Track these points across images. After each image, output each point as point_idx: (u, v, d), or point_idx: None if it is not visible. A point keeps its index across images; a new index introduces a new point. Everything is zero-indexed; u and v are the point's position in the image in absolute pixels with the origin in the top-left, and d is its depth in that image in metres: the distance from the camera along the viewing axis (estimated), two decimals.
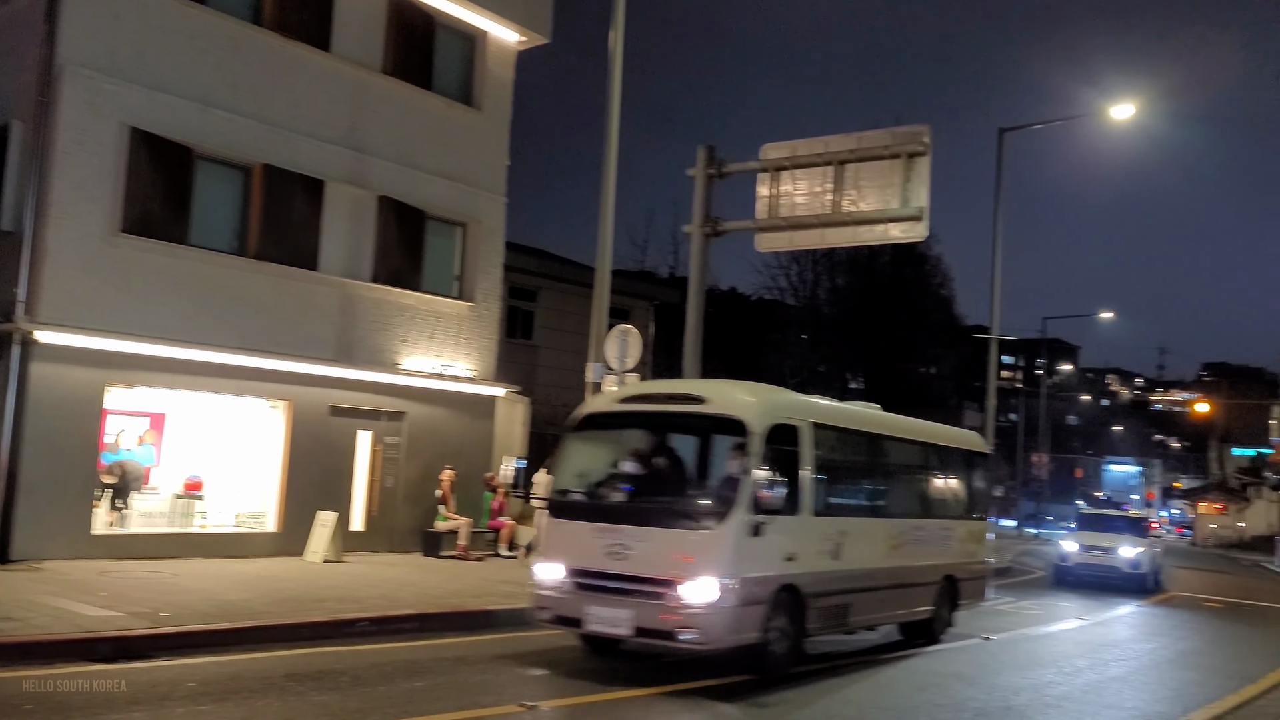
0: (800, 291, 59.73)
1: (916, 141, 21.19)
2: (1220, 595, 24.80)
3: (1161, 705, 10.29)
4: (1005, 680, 10.97)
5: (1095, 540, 23.49)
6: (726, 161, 23.44)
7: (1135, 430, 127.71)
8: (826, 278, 61.37)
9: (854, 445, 11.97)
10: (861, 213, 21.79)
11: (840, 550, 10.78)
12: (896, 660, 11.82)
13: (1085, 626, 16.49)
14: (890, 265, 62.72)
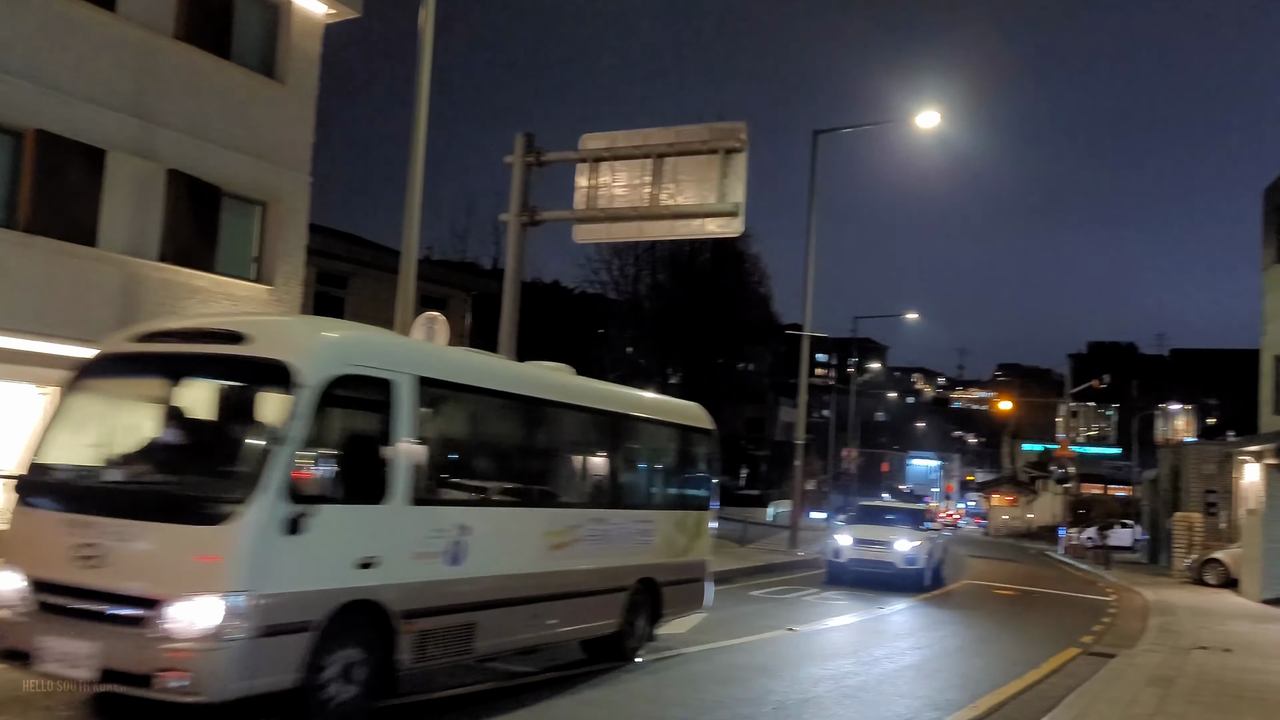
0: (622, 286, 59.99)
1: (734, 138, 21.41)
2: (1010, 583, 26.10)
3: (952, 692, 10.54)
4: (806, 672, 11.04)
5: (870, 534, 21.79)
6: (545, 150, 23.09)
7: (937, 426, 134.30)
8: (648, 273, 61.83)
9: (494, 411, 9.40)
10: (679, 206, 21.88)
11: (462, 551, 8.23)
12: (706, 654, 11.75)
13: (884, 616, 16.94)
14: (711, 263, 63.70)
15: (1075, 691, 10.66)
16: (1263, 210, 25.15)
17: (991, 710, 9.85)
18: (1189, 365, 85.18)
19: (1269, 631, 17.87)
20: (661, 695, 9.31)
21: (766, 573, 23.02)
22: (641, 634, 11.05)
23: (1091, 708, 9.83)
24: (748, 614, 15.65)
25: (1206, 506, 34.27)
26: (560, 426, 10.39)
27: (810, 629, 14.49)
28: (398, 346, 8.90)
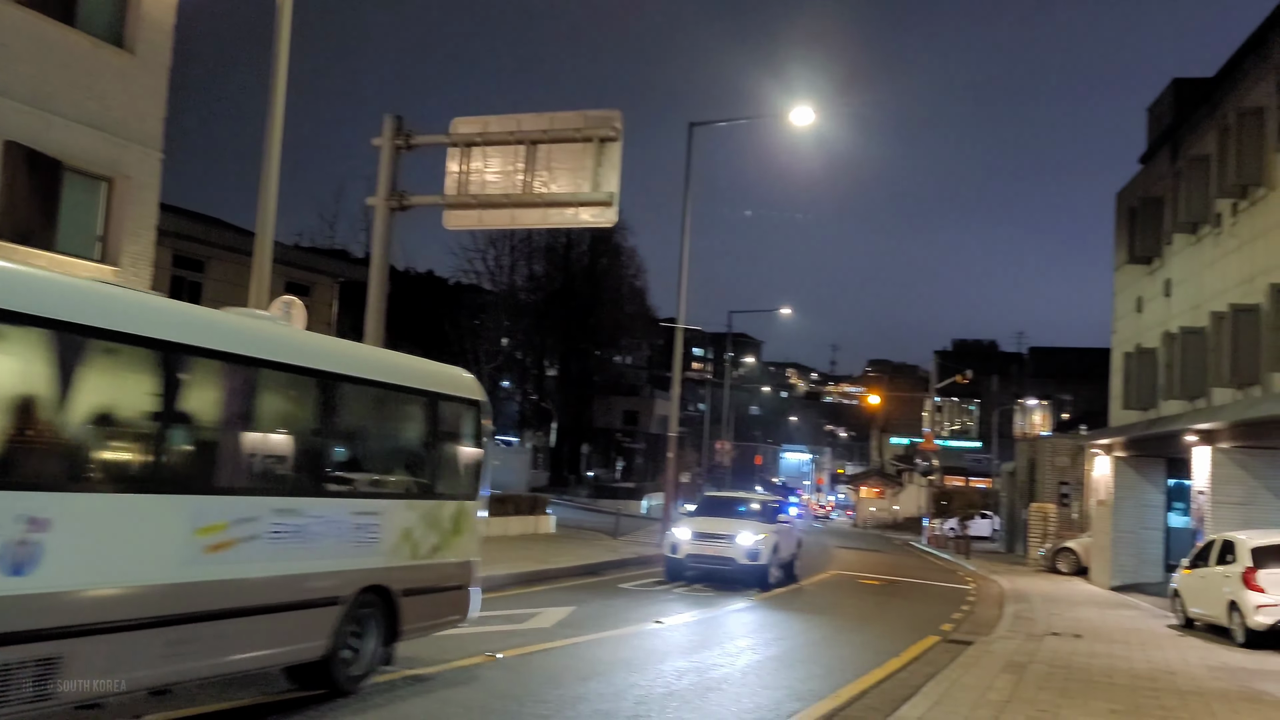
0: (497, 277, 59.29)
1: (608, 126, 21.19)
2: (875, 573, 26.63)
3: (815, 682, 10.55)
4: (671, 665, 10.91)
5: (710, 527, 19.96)
6: (416, 133, 22.47)
7: (810, 420, 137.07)
8: (524, 264, 61.30)
9: (115, 360, 6.81)
10: (552, 194, 21.55)
11: (30, 556, 5.89)
12: (570, 649, 11.51)
13: (752, 608, 17.00)
14: (588, 255, 63.49)
15: (934, 679, 10.80)
16: (1115, 213, 26.19)
17: (853, 699, 9.88)
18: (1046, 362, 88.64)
19: (1116, 617, 18.59)
20: (521, 692, 9.04)
21: (638, 565, 22.93)
22: (370, 658, 8.72)
23: (949, 695, 9.95)
24: (616, 608, 15.48)
25: (1060, 497, 35.68)
26: (232, 385, 7.70)
27: (678, 622, 14.40)
28: None
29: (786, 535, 21.55)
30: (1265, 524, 18.38)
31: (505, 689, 9.10)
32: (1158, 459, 24.68)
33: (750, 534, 19.54)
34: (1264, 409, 15.93)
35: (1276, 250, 16.60)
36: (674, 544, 19.97)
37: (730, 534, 19.57)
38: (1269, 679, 12.33)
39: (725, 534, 19.60)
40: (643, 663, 10.98)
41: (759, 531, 19.77)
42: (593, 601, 15.81)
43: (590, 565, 21.17)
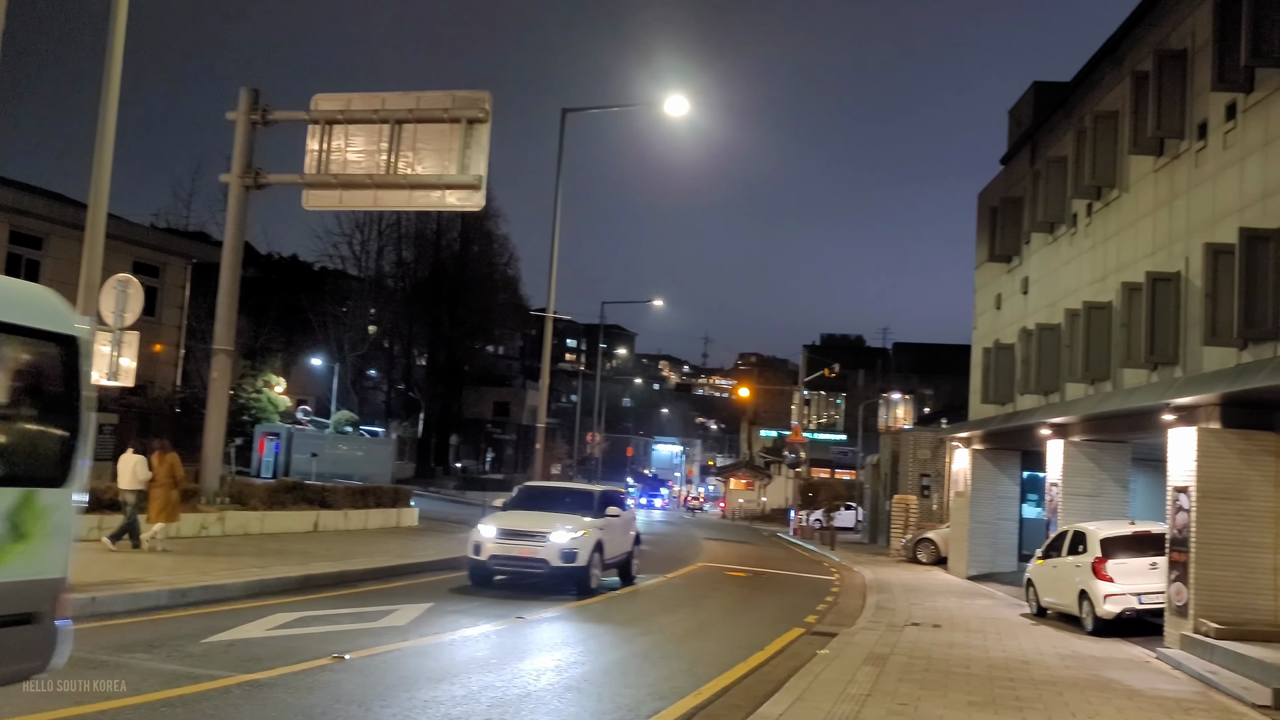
0: (364, 262, 57.72)
1: (477, 108, 20.62)
2: (742, 565, 26.71)
3: (678, 679, 10.30)
4: (530, 664, 10.52)
5: (520, 523, 16.98)
6: (273, 108, 21.48)
7: (681, 413, 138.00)
8: (392, 249, 59.88)
9: None
10: (418, 176, 20.88)
11: None
12: (423, 650, 11.00)
13: (615, 600, 16.72)
14: (459, 241, 62.39)
15: (797, 673, 10.69)
16: (977, 212, 26.83)
17: (715, 696, 9.66)
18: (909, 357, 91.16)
19: (973, 606, 18.96)
20: (368, 696, 8.51)
21: None
22: None
23: (812, 689, 9.82)
24: (475, 605, 14.98)
25: (921, 489, 36.54)
26: None
27: (540, 618, 14.00)
28: None
29: (616, 531, 18.37)
30: (1112, 515, 19.02)
31: (351, 693, 8.56)
32: (1014, 452, 25.40)
33: (566, 531, 16.69)
34: (1113, 404, 16.42)
35: (1128, 250, 17.13)
36: (477, 543, 16.77)
37: (543, 531, 16.67)
38: (1116, 667, 12.64)
39: (536, 531, 16.68)
40: (500, 662, 10.55)
41: (577, 528, 16.86)
42: (452, 598, 15.29)
43: (453, 559, 20.54)
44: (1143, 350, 15.42)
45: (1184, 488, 14.02)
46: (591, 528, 17.13)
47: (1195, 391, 13.37)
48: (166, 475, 16.84)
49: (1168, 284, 15.13)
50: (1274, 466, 13.64)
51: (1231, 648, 12.47)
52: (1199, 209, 14.69)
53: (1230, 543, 13.57)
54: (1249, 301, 12.58)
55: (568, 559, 16.54)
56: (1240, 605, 13.49)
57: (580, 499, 18.44)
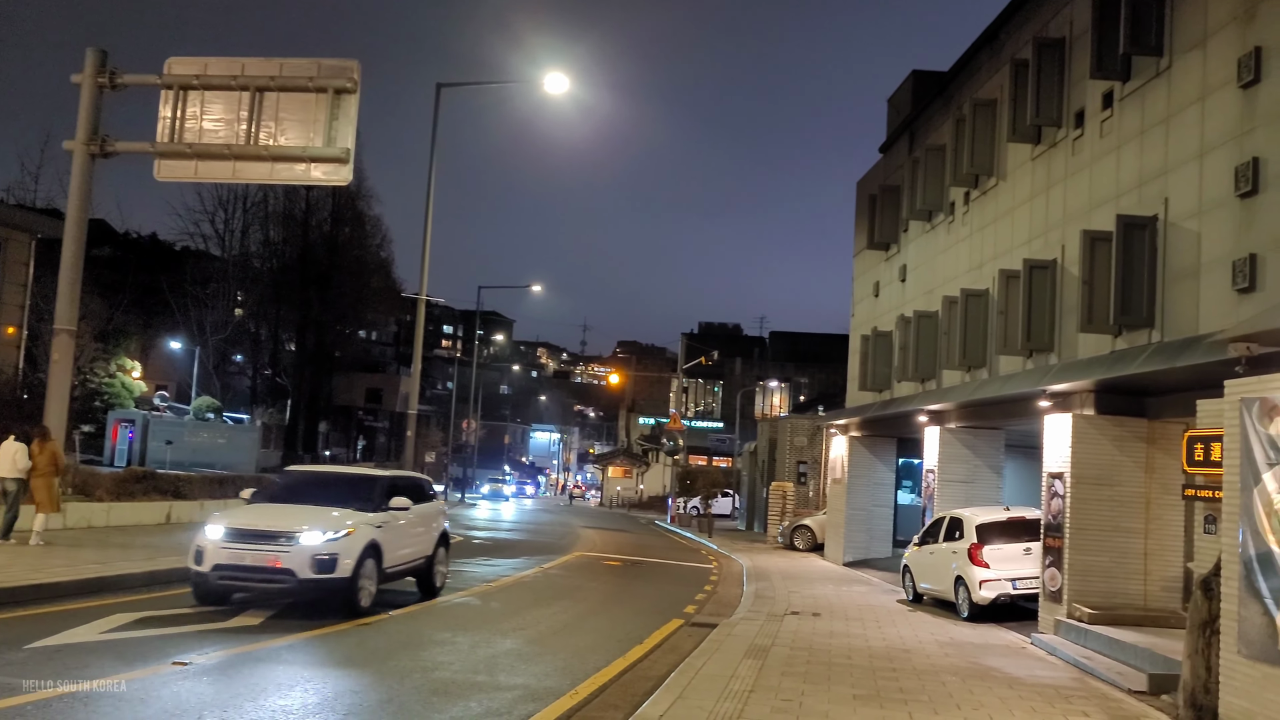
0: (227, 242, 55.22)
1: (345, 77, 19.54)
2: (620, 554, 26.29)
3: (553, 678, 9.74)
4: (394, 664, 9.81)
5: (260, 521, 12.71)
6: (122, 71, 20.03)
7: (559, 400, 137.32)
8: (259, 229, 57.47)
9: None
10: (280, 148, 19.69)
11: None
12: (272, 653, 10.17)
13: (493, 593, 16.04)
14: (330, 221, 60.34)
15: (677, 669, 10.25)
16: (856, 200, 26.92)
17: (592, 696, 9.14)
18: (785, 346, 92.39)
19: (850, 593, 18.91)
20: (212, 705, 7.71)
21: None
22: None
23: (693, 686, 9.39)
24: None
25: (798, 476, 36.76)
26: None
27: (406, 613, 13.25)
28: None
29: (405, 530, 14.08)
30: (985, 501, 19.21)
31: (193, 703, 7.74)
32: (890, 439, 25.59)
33: (321, 531, 12.43)
34: (990, 390, 16.49)
35: (1006, 238, 17.22)
36: (199, 549, 12.44)
37: (289, 531, 12.37)
38: (994, 654, 12.59)
39: (280, 532, 12.38)
40: (363, 661, 9.82)
41: (338, 527, 12.59)
42: None
43: None
44: (1019, 337, 15.48)
45: (1059, 474, 14.10)
46: (363, 525, 12.92)
47: (1071, 378, 13.42)
48: (48, 463, 16.55)
49: (1044, 271, 15.21)
50: (1145, 452, 13.81)
51: (1105, 632, 12.54)
52: (1076, 197, 14.78)
53: (1104, 528, 13.69)
54: (1125, 289, 12.63)
55: (323, 568, 12.24)
56: (1112, 590, 13.62)
57: (356, 487, 14.07)
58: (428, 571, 15.06)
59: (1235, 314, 10.79)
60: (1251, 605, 8.25)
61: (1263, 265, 10.49)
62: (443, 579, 15.69)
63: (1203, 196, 11.66)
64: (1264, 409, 8.28)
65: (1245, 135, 10.93)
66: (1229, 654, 8.55)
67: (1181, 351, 11.02)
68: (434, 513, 15.71)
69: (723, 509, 50.40)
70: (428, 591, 15.07)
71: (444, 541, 15.77)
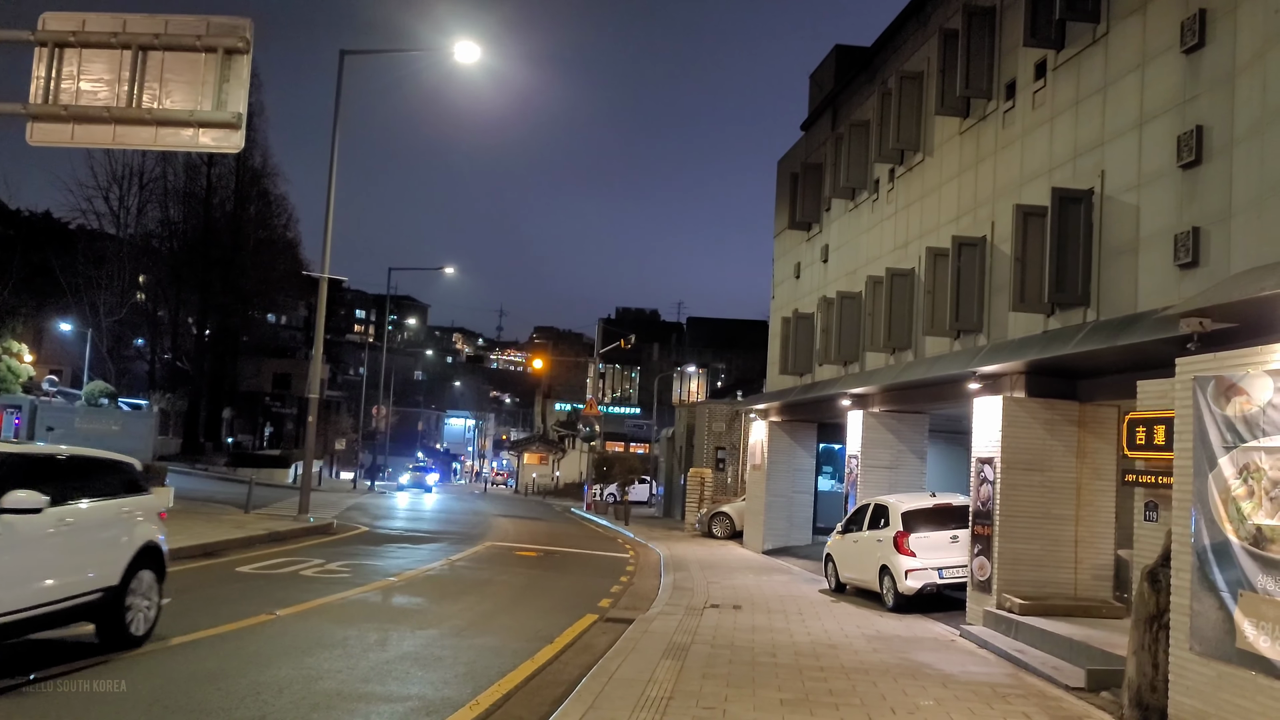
0: (123, 220, 52.71)
1: (236, 36, 18.11)
2: (533, 544, 25.36)
3: (453, 686, 8.83)
4: (274, 674, 8.78)
5: None
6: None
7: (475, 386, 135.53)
8: (157, 207, 55.01)
9: None
10: (166, 111, 18.17)
11: None
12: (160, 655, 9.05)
13: (395, 588, 14.99)
14: (234, 200, 58.07)
15: (590, 673, 9.41)
16: (777, 180, 26.28)
17: (495, 707, 8.26)
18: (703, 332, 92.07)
19: (771, 583, 18.28)
20: None
21: (268, 543, 20.28)
22: None
23: (607, 693, 8.56)
24: (228, 597, 13.04)
25: (717, 462, 36.18)
26: None
27: (297, 612, 12.18)
28: None
29: (49, 546, 8.54)
30: (910, 487, 18.72)
31: None
32: (811, 424, 25.05)
33: None
34: (917, 372, 15.93)
35: (932, 215, 16.67)
36: None
37: None
38: (924, 648, 12.00)
39: None
40: (240, 670, 8.77)
41: None
42: (196, 591, 13.25)
43: (209, 545, 18.34)
44: (947, 317, 14.92)
45: (988, 458, 13.56)
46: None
47: (1002, 359, 12.86)
48: None
49: (973, 249, 14.66)
50: (1077, 436, 13.34)
51: (1036, 624, 12.03)
52: (1006, 171, 14.24)
53: (1034, 515, 13.19)
54: (1059, 265, 12.09)
55: None
56: (1043, 579, 13.14)
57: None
58: (110, 609, 9.34)
59: (1177, 290, 10.28)
60: (1206, 599, 7.69)
61: (1206, 239, 9.98)
62: (147, 620, 9.89)
63: (1142, 168, 11.14)
64: (1220, 389, 7.71)
65: (1188, 103, 10.41)
66: (1180, 651, 7.99)
67: (1122, 330, 10.49)
68: (125, 516, 9.86)
69: (640, 496, 49.72)
70: (116, 639, 9.40)
71: (151, 561, 10.07)
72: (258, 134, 58.67)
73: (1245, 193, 9.45)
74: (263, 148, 58.53)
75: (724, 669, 9.94)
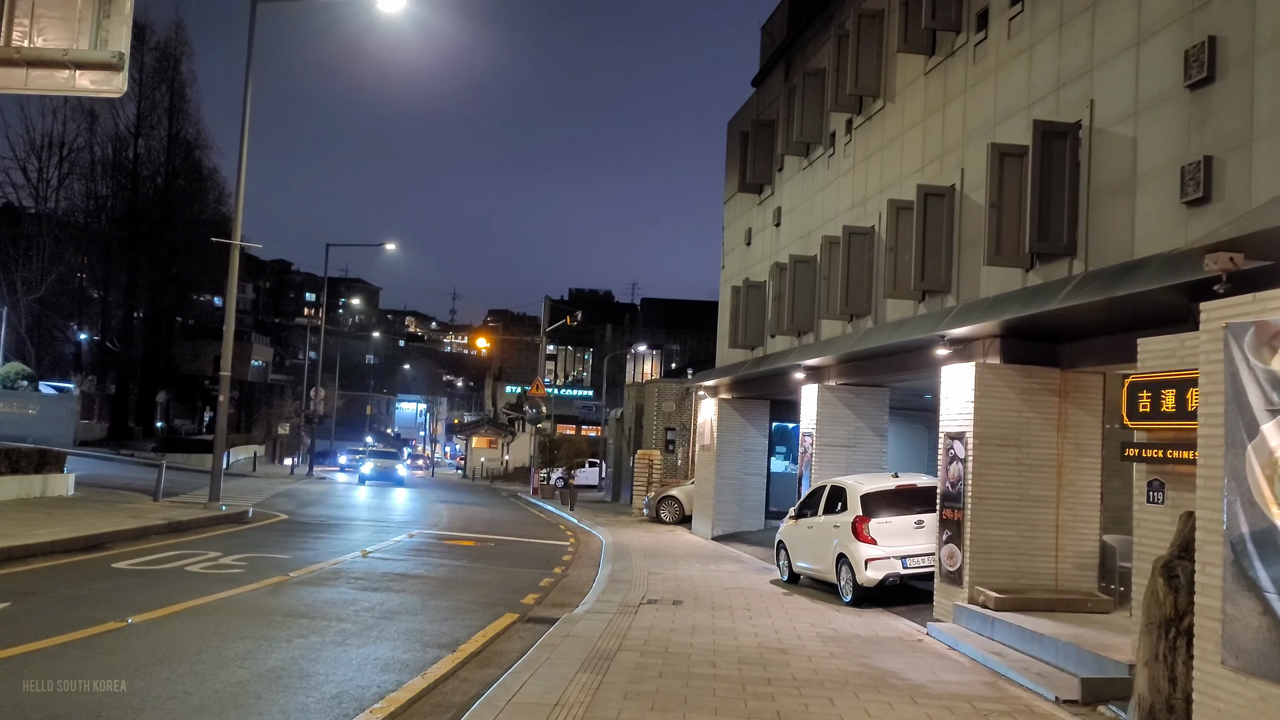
0: (41, 192, 49.94)
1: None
2: (467, 531, 23.59)
3: (315, 715, 7.10)
4: (71, 706, 6.99)
5: None
6: None
7: (427, 370, 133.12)
8: (82, 180, 52.27)
9: None
10: (38, 50, 16.10)
11: None
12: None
13: (293, 584, 13.18)
14: (165, 173, 55.41)
15: (486, 694, 7.71)
16: (727, 141, 24.63)
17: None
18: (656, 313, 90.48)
19: (719, 574, 16.68)
20: None
21: (165, 534, 18.37)
22: None
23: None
24: (84, 599, 11.18)
25: (666, 444, 34.58)
26: None
27: (157, 617, 10.35)
28: None
29: None
30: (868, 467, 17.20)
31: None
32: (763, 401, 23.49)
33: None
34: (878, 339, 14.35)
35: (894, 166, 15.09)
36: None
37: None
38: (887, 650, 10.43)
39: None
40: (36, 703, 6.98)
41: None
42: (46, 593, 11.38)
43: (93, 537, 16.40)
44: (912, 277, 13.35)
45: (958, 434, 12.01)
46: None
47: (975, 320, 11.29)
48: None
49: (940, 200, 13.08)
50: (1058, 407, 11.82)
51: (1015, 621, 10.50)
52: (979, 111, 12.67)
53: (1010, 496, 11.66)
54: (1042, 211, 10.55)
55: None
56: (1020, 569, 11.62)
57: None
58: None
59: (1183, 232, 8.74)
60: (1244, 601, 6.14)
61: (1220, 169, 8.44)
62: None
63: (1139, 93, 9.58)
64: (1262, 338, 6.14)
65: (1197, 11, 8.84)
66: (1208, 664, 6.44)
67: (1120, 278, 8.92)
68: None
69: (589, 479, 48.04)
70: None
71: None
72: (189, 105, 56.20)
73: (1271, 111, 7.90)
74: (194, 120, 56.02)
75: (652, 684, 8.29)
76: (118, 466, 38.97)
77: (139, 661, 8.36)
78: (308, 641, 9.61)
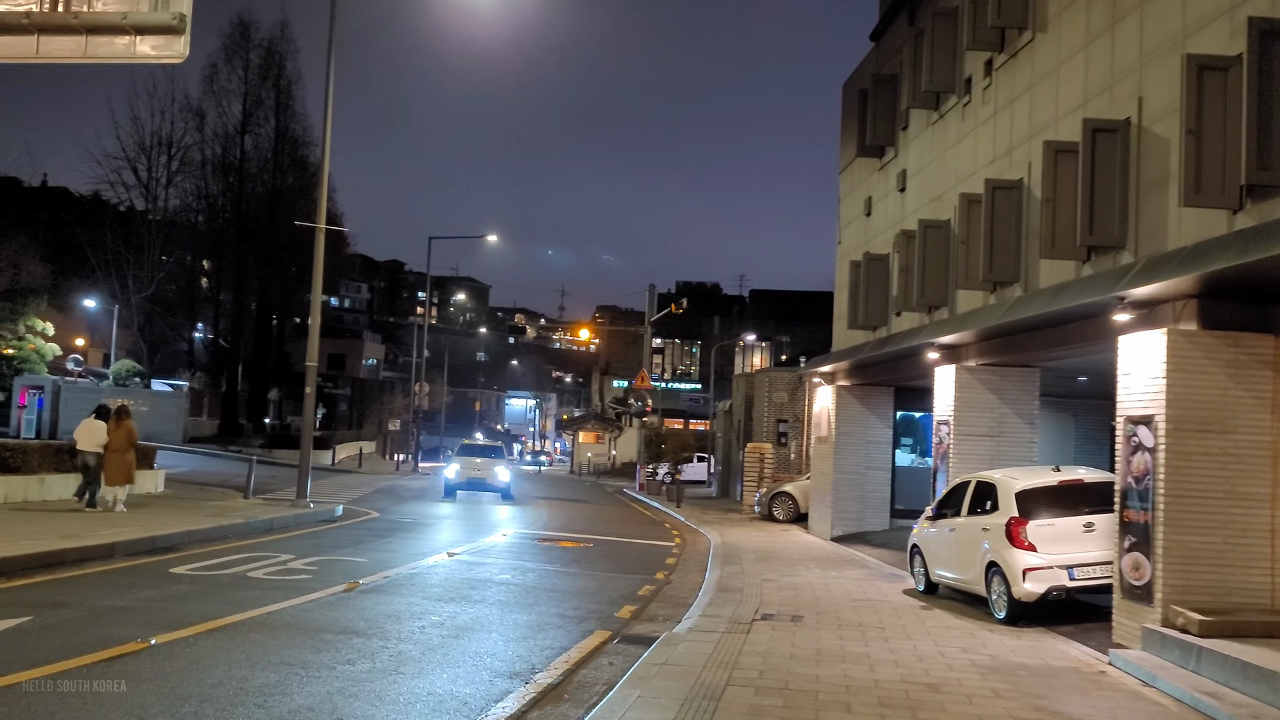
0: (152, 191, 50.26)
1: None
2: (566, 531, 22.01)
3: None
4: None
5: None
6: None
7: (536, 366, 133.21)
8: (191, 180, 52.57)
9: None
10: (95, 15, 14.89)
11: None
12: None
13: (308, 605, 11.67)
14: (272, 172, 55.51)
15: None
16: (842, 104, 22.47)
17: None
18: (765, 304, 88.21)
19: (842, 582, 14.66)
20: None
21: (243, 534, 17.22)
22: None
23: None
24: (117, 611, 9.83)
25: (778, 436, 32.53)
26: None
27: (189, 635, 8.88)
28: None
29: None
30: (1017, 460, 14.94)
31: None
32: (886, 388, 21.30)
33: None
34: (1030, 308, 12.16)
35: (1047, 107, 12.86)
36: None
37: None
38: (1065, 688, 8.33)
39: None
40: None
41: None
42: (78, 604, 10.05)
43: (165, 537, 15.28)
44: (1076, 232, 11.14)
45: (1144, 417, 9.79)
46: None
47: (1170, 274, 9.07)
48: (123, 440, 17.75)
49: (1112, 136, 10.84)
50: (1273, 384, 9.51)
51: (1227, 650, 8.29)
52: (1160, 24, 10.41)
53: (1213, 494, 9.41)
54: (1261, 131, 8.30)
55: None
56: (1227, 584, 9.37)
57: None
58: None
59: None
60: None
61: None
62: None
63: None
64: None
65: None
66: None
67: None
68: None
69: (697, 474, 46.24)
70: None
71: None
72: (295, 102, 56.12)
73: None
74: (302, 118, 55.93)
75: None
76: (221, 463, 38.67)
77: (134, 701, 6.81)
78: (354, 670, 7.99)
